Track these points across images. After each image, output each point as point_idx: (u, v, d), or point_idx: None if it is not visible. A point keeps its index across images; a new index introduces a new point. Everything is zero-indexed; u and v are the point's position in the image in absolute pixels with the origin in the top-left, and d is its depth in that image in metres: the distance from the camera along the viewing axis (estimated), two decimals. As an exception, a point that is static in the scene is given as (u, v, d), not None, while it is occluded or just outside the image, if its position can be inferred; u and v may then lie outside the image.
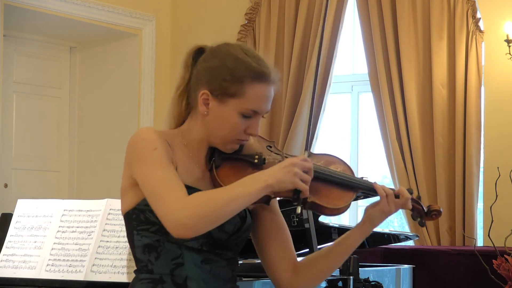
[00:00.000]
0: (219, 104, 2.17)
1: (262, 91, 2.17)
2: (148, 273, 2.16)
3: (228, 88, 2.15)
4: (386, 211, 2.25)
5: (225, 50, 2.20)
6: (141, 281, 2.16)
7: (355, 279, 3.51)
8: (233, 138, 2.19)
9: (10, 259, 3.28)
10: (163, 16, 7.46)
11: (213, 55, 2.21)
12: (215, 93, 2.17)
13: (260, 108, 2.18)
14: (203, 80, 2.19)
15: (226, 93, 2.16)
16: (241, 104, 2.16)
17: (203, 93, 2.18)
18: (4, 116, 6.86)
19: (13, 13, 6.63)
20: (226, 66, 2.16)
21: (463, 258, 5.38)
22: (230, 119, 2.17)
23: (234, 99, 2.16)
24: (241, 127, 2.17)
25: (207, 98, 2.18)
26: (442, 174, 6.23)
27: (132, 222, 2.17)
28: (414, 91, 6.33)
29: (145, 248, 2.15)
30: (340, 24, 6.71)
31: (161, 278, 2.14)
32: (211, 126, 2.19)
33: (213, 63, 2.19)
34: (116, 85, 7.40)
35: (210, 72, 2.18)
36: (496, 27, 6.13)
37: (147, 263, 2.16)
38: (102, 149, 7.41)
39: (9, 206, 3.92)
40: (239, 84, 2.15)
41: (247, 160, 2.20)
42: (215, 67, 2.18)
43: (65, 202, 3.33)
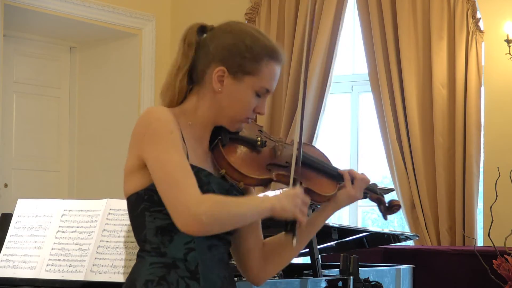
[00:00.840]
0: (234, 82, 2.18)
1: (275, 69, 2.22)
2: (160, 257, 2.13)
3: (246, 65, 2.18)
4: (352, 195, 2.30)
5: (238, 28, 2.22)
6: (152, 266, 2.14)
7: (355, 279, 3.51)
8: (242, 117, 2.21)
9: (10, 259, 3.28)
10: (163, 16, 7.46)
11: (225, 33, 2.21)
12: (232, 70, 2.18)
13: (272, 86, 2.23)
14: (217, 57, 2.18)
15: (243, 70, 2.18)
16: (256, 82, 2.19)
17: (218, 70, 2.18)
18: (4, 116, 6.86)
19: (13, 13, 6.63)
20: (244, 43, 2.18)
21: (463, 258, 5.38)
22: (244, 97, 2.19)
23: (250, 77, 2.18)
24: (252, 105, 2.20)
25: (222, 75, 2.18)
26: (442, 174, 6.23)
27: (144, 202, 2.14)
28: (414, 91, 6.34)
29: (158, 230, 2.14)
30: (340, 24, 6.72)
31: (174, 263, 2.13)
32: (223, 104, 2.19)
33: (228, 40, 2.19)
34: (116, 85, 7.40)
35: (227, 49, 2.18)
36: (496, 27, 6.14)
37: (159, 246, 2.13)
38: (102, 149, 7.41)
39: (9, 206, 3.92)
40: (257, 62, 2.18)
41: (251, 142, 2.23)
42: (232, 44, 2.18)
43: (65, 202, 3.33)
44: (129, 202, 2.18)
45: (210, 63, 2.19)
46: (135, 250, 3.06)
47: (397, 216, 7.42)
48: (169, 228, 2.12)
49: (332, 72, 6.73)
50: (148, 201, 2.14)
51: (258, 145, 2.23)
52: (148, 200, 2.14)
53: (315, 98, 6.72)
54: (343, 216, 7.09)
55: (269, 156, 2.24)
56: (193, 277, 2.13)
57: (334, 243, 4.28)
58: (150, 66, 7.34)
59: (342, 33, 6.76)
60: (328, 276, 3.53)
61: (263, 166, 2.22)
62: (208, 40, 2.22)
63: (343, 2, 6.69)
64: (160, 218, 2.13)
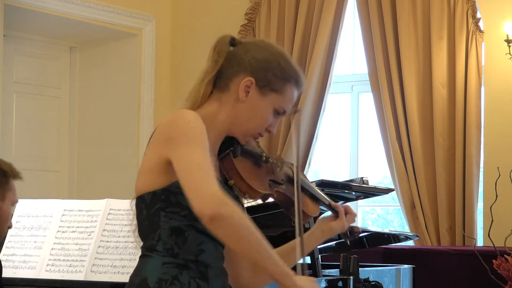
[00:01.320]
0: (259, 95, 2.26)
1: (295, 94, 2.32)
2: (173, 257, 2.17)
3: (274, 82, 2.26)
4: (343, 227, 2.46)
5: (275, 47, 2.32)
6: (165, 265, 2.16)
7: (355, 279, 3.51)
8: (256, 131, 2.28)
9: (10, 259, 3.28)
10: (163, 16, 7.45)
11: (261, 49, 2.29)
12: (260, 83, 2.25)
13: (288, 108, 2.31)
14: (249, 68, 2.25)
15: (271, 86, 2.26)
16: (279, 101, 2.27)
17: (247, 80, 2.25)
18: (4, 116, 6.86)
19: (13, 13, 6.63)
20: (279, 63, 2.28)
21: (463, 258, 5.38)
22: (264, 112, 2.26)
23: (275, 94, 2.27)
24: (268, 122, 2.28)
25: (249, 86, 2.25)
26: (442, 174, 6.23)
27: (160, 202, 2.17)
28: (414, 91, 6.33)
29: (173, 231, 2.17)
30: (340, 24, 6.71)
31: (187, 264, 2.17)
32: (242, 114, 2.25)
33: (265, 55, 2.27)
34: (116, 85, 7.39)
35: (261, 63, 2.26)
36: (496, 27, 6.13)
37: (173, 246, 2.17)
38: (102, 149, 7.41)
39: (9, 206, 3.92)
40: (284, 83, 2.27)
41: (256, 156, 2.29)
42: (268, 60, 2.27)
43: (65, 202, 3.34)
44: (142, 200, 2.20)
45: (240, 72, 2.26)
46: (135, 250, 3.07)
47: (397, 216, 7.42)
48: (184, 229, 2.16)
49: (332, 72, 6.73)
50: (165, 202, 2.17)
51: (262, 160, 2.29)
52: (165, 200, 2.17)
53: (315, 98, 6.72)
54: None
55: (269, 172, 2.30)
56: (203, 277, 2.18)
57: (334, 243, 4.27)
58: (150, 66, 7.34)
59: (342, 33, 6.76)
60: (328, 276, 3.53)
61: (266, 181, 2.28)
62: (241, 51, 2.29)
63: (343, 2, 6.68)
64: (176, 219, 2.17)
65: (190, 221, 2.15)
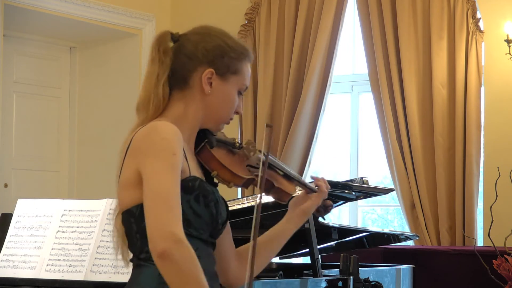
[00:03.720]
0: (222, 82, 2.23)
1: (249, 68, 2.29)
2: None
3: (232, 65, 2.24)
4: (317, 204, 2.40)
5: (215, 30, 2.27)
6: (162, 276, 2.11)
7: (355, 279, 3.51)
8: (228, 117, 2.27)
9: (10, 259, 3.28)
10: (163, 16, 7.46)
11: (204, 35, 2.25)
12: (220, 71, 2.22)
13: (248, 84, 2.30)
14: (204, 60, 2.22)
15: (230, 70, 2.23)
16: (239, 81, 2.26)
17: (207, 72, 2.22)
18: (4, 116, 6.86)
19: (13, 13, 6.63)
20: (227, 44, 2.24)
21: (463, 258, 5.38)
22: (231, 96, 2.25)
23: (235, 76, 2.25)
24: (236, 104, 2.27)
25: (211, 77, 2.22)
26: (442, 174, 6.23)
27: None
28: (414, 91, 6.34)
29: None
30: (340, 24, 6.71)
31: None
32: (212, 105, 2.23)
33: (213, 42, 2.23)
34: (116, 85, 7.40)
35: (213, 51, 2.22)
36: (496, 27, 6.14)
37: None
38: (102, 149, 7.41)
39: (9, 206, 3.92)
40: (239, 61, 2.25)
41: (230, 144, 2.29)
42: (217, 45, 2.23)
43: (65, 202, 3.34)
44: (130, 214, 2.16)
45: (196, 66, 2.22)
46: (135, 250, 3.07)
47: (397, 216, 7.42)
48: None
49: (332, 72, 6.73)
50: None
51: (236, 147, 2.28)
52: None
53: (315, 98, 6.72)
54: (343, 216, 7.09)
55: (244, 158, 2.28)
56: None
57: (334, 243, 4.27)
58: (150, 66, 7.33)
59: (342, 33, 6.76)
60: (328, 276, 3.53)
61: (244, 167, 2.27)
62: (188, 44, 2.24)
63: (343, 2, 6.69)
64: None
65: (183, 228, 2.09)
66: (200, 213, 2.15)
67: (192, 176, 2.15)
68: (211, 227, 2.19)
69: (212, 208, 2.17)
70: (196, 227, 2.15)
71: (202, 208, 2.15)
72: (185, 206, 2.10)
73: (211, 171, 2.23)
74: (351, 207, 6.94)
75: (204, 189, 2.16)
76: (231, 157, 2.26)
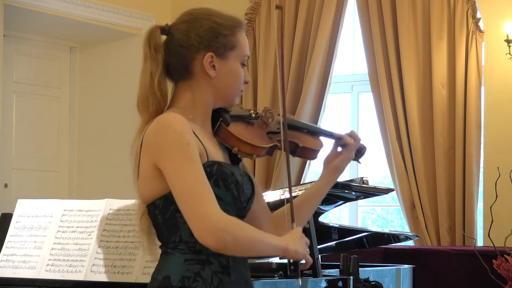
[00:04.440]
0: (223, 62, 2.26)
1: (245, 36, 2.34)
2: (195, 254, 2.17)
3: (227, 42, 2.26)
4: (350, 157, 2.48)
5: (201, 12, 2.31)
6: (187, 262, 2.17)
7: (355, 279, 3.51)
8: (239, 91, 2.30)
9: (10, 259, 3.28)
10: (163, 16, 7.45)
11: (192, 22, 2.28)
12: (219, 52, 2.25)
13: (248, 53, 2.33)
14: (200, 46, 2.24)
15: (227, 47, 2.26)
16: (239, 53, 2.28)
17: (207, 56, 2.24)
18: (4, 116, 6.86)
19: (13, 13, 6.63)
20: (217, 23, 2.27)
21: (463, 258, 5.38)
22: (236, 71, 2.28)
23: (233, 51, 2.27)
24: (243, 76, 2.29)
25: (212, 60, 2.24)
26: (442, 174, 6.23)
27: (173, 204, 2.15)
28: (414, 91, 6.34)
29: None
30: (340, 24, 6.72)
31: (209, 259, 2.17)
32: (221, 86, 2.26)
33: (202, 26, 2.26)
34: (116, 85, 7.40)
35: (207, 35, 2.25)
36: (496, 27, 6.14)
37: (195, 244, 2.16)
38: (102, 149, 7.41)
39: (9, 206, 3.92)
40: (233, 35, 2.28)
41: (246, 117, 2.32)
42: (209, 27, 2.26)
43: (65, 202, 3.34)
44: (155, 207, 2.20)
45: (195, 54, 2.24)
46: (135, 250, 3.07)
47: (397, 216, 7.42)
48: None
49: (332, 72, 6.73)
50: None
51: (253, 118, 2.32)
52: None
53: (315, 98, 6.72)
54: (343, 216, 7.09)
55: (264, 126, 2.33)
56: (225, 271, 2.19)
57: (334, 243, 4.27)
58: (150, 66, 7.33)
59: (342, 33, 6.76)
60: (328, 276, 3.53)
61: (265, 136, 2.32)
62: (179, 35, 2.26)
63: (343, 2, 6.69)
64: None
65: None
66: (222, 196, 2.17)
67: (209, 162, 2.17)
68: (235, 207, 2.22)
69: (233, 190, 2.20)
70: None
71: (223, 191, 2.18)
72: None
73: (232, 148, 2.27)
74: (351, 207, 6.94)
75: (222, 172, 2.18)
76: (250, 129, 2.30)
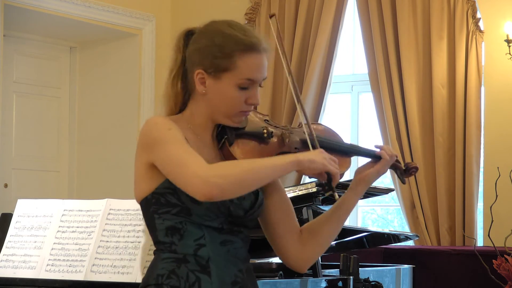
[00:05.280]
0: (215, 81, 2.23)
1: (254, 60, 2.23)
2: (171, 253, 2.19)
3: (220, 64, 2.22)
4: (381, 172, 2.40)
5: (212, 28, 2.27)
6: (164, 260, 2.19)
7: (355, 279, 3.51)
8: (236, 111, 2.25)
9: (10, 259, 3.28)
10: (163, 16, 7.46)
11: (201, 35, 2.27)
12: (209, 70, 2.23)
13: (254, 76, 2.24)
14: (196, 60, 2.25)
15: (219, 68, 2.22)
16: (236, 76, 2.22)
17: (198, 73, 2.24)
18: (4, 116, 6.86)
19: (13, 13, 6.63)
20: (214, 43, 2.23)
21: (463, 258, 5.38)
22: (228, 93, 2.23)
23: (228, 73, 2.22)
24: (241, 99, 2.24)
25: (203, 77, 2.24)
26: (442, 174, 6.23)
27: (152, 206, 2.20)
28: (414, 91, 6.33)
29: (168, 231, 2.19)
30: (340, 24, 6.72)
31: (185, 258, 2.18)
32: (213, 103, 2.25)
33: (203, 42, 2.25)
34: (116, 85, 7.40)
35: (201, 52, 2.24)
36: (496, 27, 6.13)
37: (171, 244, 2.19)
38: (102, 149, 7.41)
39: (9, 206, 3.92)
40: (229, 59, 2.22)
41: (256, 135, 2.27)
42: (205, 46, 2.24)
43: (65, 202, 3.34)
44: (141, 207, 2.26)
45: (192, 67, 2.26)
46: (135, 250, 3.07)
47: (397, 216, 7.42)
48: (178, 227, 2.18)
49: (332, 72, 6.73)
50: (156, 204, 2.20)
51: (265, 137, 2.26)
52: (156, 203, 2.20)
53: (315, 98, 6.72)
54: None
55: (278, 146, 2.27)
56: (204, 270, 2.18)
57: (334, 243, 4.27)
58: (150, 66, 7.34)
59: (342, 33, 6.76)
60: (328, 276, 3.53)
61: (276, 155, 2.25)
62: (190, 44, 2.29)
63: (343, 2, 6.69)
64: (169, 219, 2.19)
65: (183, 217, 2.18)
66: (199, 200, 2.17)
67: None
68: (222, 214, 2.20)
69: None
70: (199, 214, 2.18)
71: None
72: (183, 194, 2.15)
73: None
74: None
75: None
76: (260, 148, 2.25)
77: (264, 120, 2.33)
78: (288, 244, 2.34)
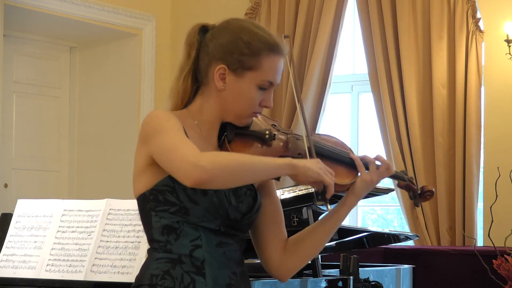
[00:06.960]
0: (236, 78, 2.21)
1: (276, 62, 2.24)
2: (166, 253, 2.17)
3: (246, 61, 2.20)
4: (368, 181, 2.29)
5: (236, 25, 2.24)
6: (158, 260, 2.17)
7: (355, 279, 3.51)
8: (249, 112, 2.23)
9: (10, 259, 3.28)
10: (163, 16, 7.46)
11: (223, 31, 2.24)
12: (233, 67, 2.20)
13: (274, 79, 2.24)
14: (217, 56, 2.21)
15: (244, 66, 2.20)
16: (258, 76, 2.21)
17: (219, 68, 2.21)
18: (4, 116, 6.86)
19: (13, 13, 6.63)
20: (242, 39, 2.20)
21: (463, 258, 5.38)
22: (248, 92, 2.21)
23: (251, 72, 2.20)
24: (257, 99, 2.22)
25: (224, 73, 2.21)
26: (442, 174, 6.23)
27: (150, 203, 2.18)
28: (414, 91, 6.34)
29: (164, 229, 2.17)
30: (340, 24, 6.72)
31: (180, 258, 2.16)
32: (227, 101, 2.22)
33: (226, 38, 2.22)
34: (116, 85, 7.40)
35: (225, 47, 2.21)
36: (496, 27, 6.14)
37: (166, 243, 2.17)
38: (102, 149, 7.41)
39: (9, 206, 3.92)
40: (256, 57, 2.20)
41: (258, 135, 2.24)
42: (230, 41, 2.21)
43: (65, 202, 3.34)
44: (138, 203, 2.23)
45: (211, 62, 2.22)
46: (135, 250, 3.07)
47: (397, 216, 7.42)
48: (175, 226, 2.16)
49: (332, 72, 6.73)
50: (153, 201, 2.18)
51: (266, 138, 2.23)
52: (154, 200, 2.18)
53: (315, 98, 6.72)
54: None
55: (280, 149, 2.25)
56: (199, 272, 2.16)
57: (334, 243, 4.27)
58: (150, 66, 7.34)
59: (342, 33, 6.76)
60: (328, 276, 3.53)
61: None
62: (208, 39, 2.24)
63: (343, 2, 6.69)
64: (166, 217, 2.17)
65: (180, 216, 2.16)
66: (197, 200, 2.15)
67: None
68: (219, 216, 2.18)
69: (212, 196, 2.16)
70: (196, 214, 2.16)
71: (199, 195, 2.15)
72: (182, 194, 2.14)
73: None
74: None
75: None
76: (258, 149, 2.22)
77: (272, 125, 2.30)
78: (272, 251, 2.30)
